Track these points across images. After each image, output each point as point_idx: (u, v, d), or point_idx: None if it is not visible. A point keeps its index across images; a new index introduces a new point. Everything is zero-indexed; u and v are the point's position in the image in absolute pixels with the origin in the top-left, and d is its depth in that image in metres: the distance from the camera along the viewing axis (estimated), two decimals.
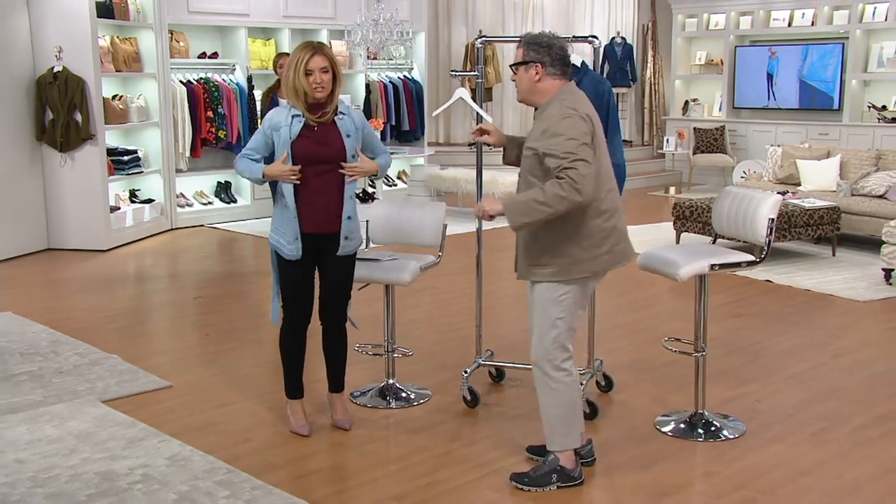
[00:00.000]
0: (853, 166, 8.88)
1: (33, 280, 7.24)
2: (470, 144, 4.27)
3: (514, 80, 3.60)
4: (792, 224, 7.72)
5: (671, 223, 8.46)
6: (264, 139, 3.97)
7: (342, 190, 3.98)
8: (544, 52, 3.46)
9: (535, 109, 3.59)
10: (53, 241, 8.31)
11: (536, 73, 3.47)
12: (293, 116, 3.91)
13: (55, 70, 7.95)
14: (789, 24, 12.31)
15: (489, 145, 3.91)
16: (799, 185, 9.08)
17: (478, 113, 4.48)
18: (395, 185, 11.15)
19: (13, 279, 7.22)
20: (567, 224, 3.43)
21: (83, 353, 5.23)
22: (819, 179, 8.93)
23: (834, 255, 8.04)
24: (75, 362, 5.07)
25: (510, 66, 3.64)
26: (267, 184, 4.15)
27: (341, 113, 3.98)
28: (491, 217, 3.58)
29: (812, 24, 12.07)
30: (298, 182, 3.87)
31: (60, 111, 7.98)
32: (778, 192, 4.24)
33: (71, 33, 7.97)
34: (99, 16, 8.17)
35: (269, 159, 4.03)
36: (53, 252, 8.24)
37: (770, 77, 12.42)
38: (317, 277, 4.11)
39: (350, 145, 3.94)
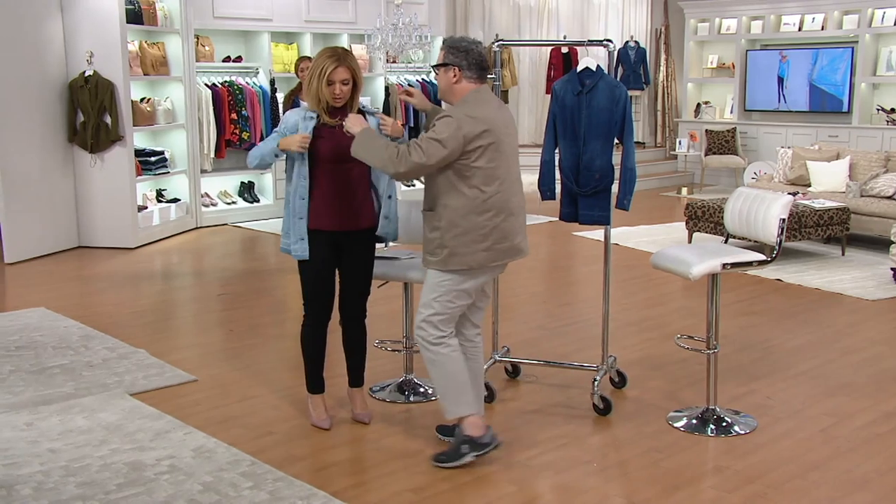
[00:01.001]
0: (862, 168, 8.89)
1: (65, 276, 7.33)
2: None
3: (436, 80, 3.82)
4: (802, 224, 7.75)
5: (683, 223, 8.50)
6: (280, 138, 4.00)
7: (362, 187, 4.03)
8: (462, 56, 3.65)
9: None
10: (84, 239, 8.45)
11: (454, 76, 3.67)
12: (308, 119, 3.95)
13: (86, 74, 8.10)
14: (799, 29, 12.31)
15: (414, 105, 4.06)
16: (809, 186, 9.09)
17: None
18: (414, 186, 11.21)
19: (46, 276, 7.33)
20: (451, 218, 3.63)
21: (112, 347, 5.31)
22: (829, 181, 8.95)
23: (843, 254, 8.06)
24: (104, 356, 5.14)
25: (432, 66, 3.84)
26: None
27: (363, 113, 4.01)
28: (348, 133, 3.79)
29: (822, 29, 12.07)
30: (304, 150, 3.90)
31: (91, 114, 8.12)
32: (788, 193, 4.28)
33: (102, 39, 8.12)
34: (128, 22, 8.31)
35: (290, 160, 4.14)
36: (83, 249, 8.35)
37: (781, 80, 12.42)
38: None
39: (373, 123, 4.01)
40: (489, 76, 3.78)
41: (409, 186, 11.17)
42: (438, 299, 3.70)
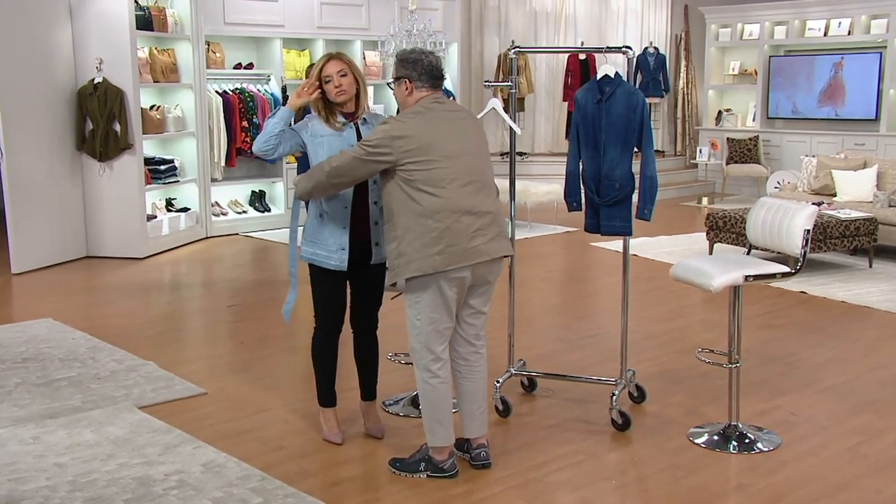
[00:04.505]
0: (890, 177, 8.77)
1: (72, 287, 7.33)
2: (502, 154, 4.33)
3: (394, 94, 3.90)
4: (827, 235, 7.64)
5: (704, 234, 8.43)
6: (291, 133, 3.90)
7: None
8: (412, 67, 3.72)
9: None
10: (92, 248, 8.43)
11: (407, 88, 3.75)
12: (324, 136, 3.90)
13: (95, 81, 8.09)
14: (825, 34, 12.18)
15: None
16: (834, 195, 8.98)
17: (510, 124, 4.51)
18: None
19: (53, 286, 7.33)
20: (405, 225, 3.63)
21: (120, 359, 5.29)
22: (855, 190, 8.83)
23: (871, 266, 7.94)
24: (112, 368, 5.13)
25: (388, 83, 3.86)
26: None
27: (364, 119, 3.99)
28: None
29: (849, 34, 11.93)
30: (318, 96, 3.87)
31: (100, 121, 8.11)
32: (813, 203, 4.21)
33: (111, 45, 8.10)
34: (138, 28, 8.30)
35: (304, 163, 4.09)
36: (92, 259, 8.35)
37: (806, 87, 12.30)
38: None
39: None
40: (441, 84, 3.79)
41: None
42: (419, 317, 3.69)
